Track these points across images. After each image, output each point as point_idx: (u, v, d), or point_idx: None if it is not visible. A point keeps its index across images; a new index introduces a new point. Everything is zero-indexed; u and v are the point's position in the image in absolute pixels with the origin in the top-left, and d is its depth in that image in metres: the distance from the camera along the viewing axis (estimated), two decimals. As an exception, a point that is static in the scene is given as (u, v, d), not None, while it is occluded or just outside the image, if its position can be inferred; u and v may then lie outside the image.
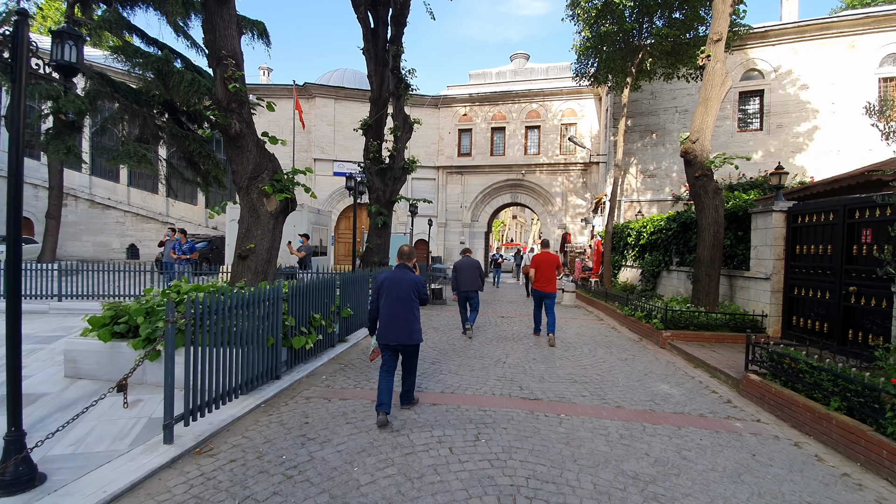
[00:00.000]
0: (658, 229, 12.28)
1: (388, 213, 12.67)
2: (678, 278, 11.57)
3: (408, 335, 4.37)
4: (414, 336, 4.40)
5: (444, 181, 25.64)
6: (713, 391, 5.68)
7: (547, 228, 24.86)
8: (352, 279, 7.94)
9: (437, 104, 25.34)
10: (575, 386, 5.62)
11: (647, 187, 19.05)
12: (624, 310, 10.35)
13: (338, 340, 7.39)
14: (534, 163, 24.25)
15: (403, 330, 4.35)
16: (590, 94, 23.46)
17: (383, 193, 12.54)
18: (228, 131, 6.29)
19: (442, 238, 25.72)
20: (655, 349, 8.03)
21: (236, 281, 6.25)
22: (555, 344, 7.89)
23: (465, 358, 6.90)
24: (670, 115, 18.71)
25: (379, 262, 12.59)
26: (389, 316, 4.39)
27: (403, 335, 4.35)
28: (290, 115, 24.15)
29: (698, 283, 8.99)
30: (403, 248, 4.77)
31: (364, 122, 12.87)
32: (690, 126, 9.66)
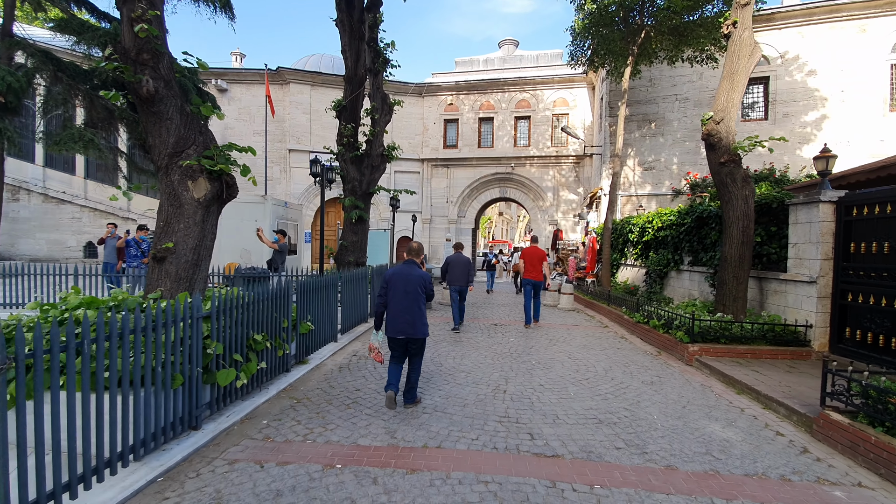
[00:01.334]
0: (667, 224, 11.02)
1: (365, 206, 11.15)
2: (691, 280, 10.32)
3: (414, 329, 4.52)
4: (421, 330, 4.56)
5: (428, 174, 24.15)
6: (778, 432, 4.35)
7: (538, 225, 23.58)
8: (314, 285, 6.44)
9: (422, 92, 23.80)
10: (601, 429, 4.23)
11: (645, 181, 17.87)
12: (635, 316, 9.04)
13: (295, 363, 5.89)
14: (524, 155, 22.92)
15: (410, 324, 4.51)
16: (582, 82, 22.20)
17: (359, 184, 11.00)
18: (139, 91, 4.72)
19: (427, 235, 24.25)
20: (680, 366, 6.71)
21: (151, 290, 4.71)
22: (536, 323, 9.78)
23: (456, 384, 5.46)
24: (670, 103, 17.54)
25: (355, 263, 11.07)
26: (397, 310, 4.54)
27: (410, 329, 4.51)
28: (261, 103, 22.36)
29: (724, 286, 7.71)
30: (412, 245, 4.94)
31: (337, 103, 11.30)
32: (713, 104, 8.38)
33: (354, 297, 8.47)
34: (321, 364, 6.19)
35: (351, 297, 8.28)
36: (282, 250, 9.16)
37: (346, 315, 7.99)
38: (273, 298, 5.14)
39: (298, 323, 5.79)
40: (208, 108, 5.28)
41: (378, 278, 10.10)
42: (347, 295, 8.07)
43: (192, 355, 3.78)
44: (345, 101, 11.25)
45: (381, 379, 5.57)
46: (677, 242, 10.77)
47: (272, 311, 5.10)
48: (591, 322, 10.61)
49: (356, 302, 8.56)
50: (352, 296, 8.33)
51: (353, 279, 8.32)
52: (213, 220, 5.07)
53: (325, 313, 6.87)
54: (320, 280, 6.67)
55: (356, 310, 8.58)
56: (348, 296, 8.12)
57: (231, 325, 4.27)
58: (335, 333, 7.34)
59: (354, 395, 4.98)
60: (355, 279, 8.44)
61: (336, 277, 7.30)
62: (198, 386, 3.87)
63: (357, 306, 8.62)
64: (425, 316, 4.64)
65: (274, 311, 5.15)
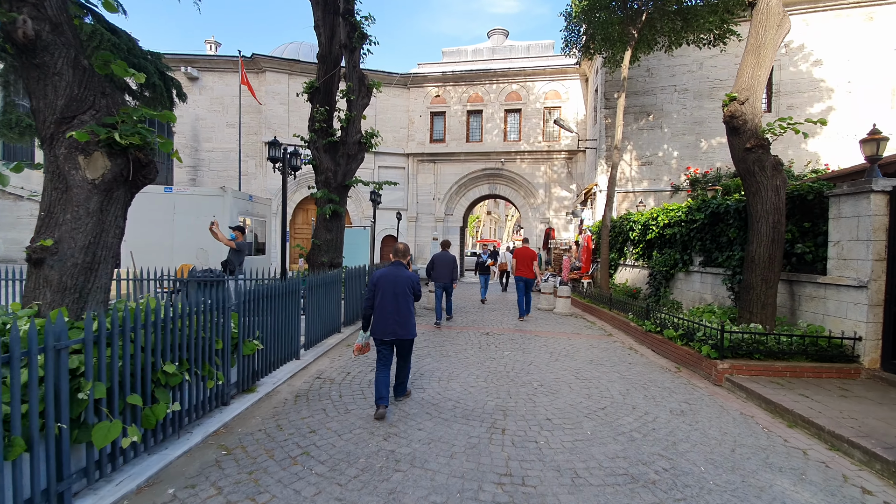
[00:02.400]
0: (675, 221, 10.00)
1: (341, 200, 9.94)
2: (702, 282, 9.31)
3: (404, 330, 4.50)
4: (409, 331, 4.54)
5: (414, 170, 22.94)
6: (864, 489, 3.29)
7: (529, 223, 22.53)
8: (267, 293, 5.22)
9: (407, 84, 22.58)
10: (639, 495, 3.10)
11: (642, 176, 16.92)
12: (645, 325, 7.98)
13: (238, 393, 4.66)
14: (514, 150, 21.85)
15: (400, 325, 4.48)
16: (575, 73, 21.21)
17: (333, 175, 9.78)
18: (13, 35, 3.46)
19: (413, 233, 23.04)
20: (708, 387, 5.65)
21: (27, 303, 3.46)
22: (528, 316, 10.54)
23: (440, 419, 4.30)
24: (668, 94, 16.61)
25: (329, 264, 9.84)
26: (385, 312, 4.49)
27: (400, 330, 4.48)
28: (235, 92, 20.91)
29: (750, 290, 6.68)
30: (399, 246, 4.86)
31: (309, 84, 10.07)
32: (735, 82, 7.35)
33: (324, 304, 7.25)
34: (273, 392, 4.97)
35: (320, 305, 7.06)
36: (240, 249, 7.90)
37: (313, 327, 6.77)
38: (203, 313, 3.91)
39: (241, 342, 4.56)
40: (121, 67, 4.00)
41: (354, 282, 8.89)
42: (315, 302, 6.85)
43: (55, 402, 2.56)
44: (318, 83, 10.04)
45: (346, 414, 4.39)
46: (686, 241, 9.76)
47: (200, 329, 3.88)
48: (593, 330, 9.54)
49: (326, 310, 7.34)
50: (321, 303, 7.12)
51: (323, 284, 7.11)
52: (117, 209, 3.81)
53: (282, 326, 5.66)
54: (276, 287, 5.45)
55: (326, 319, 7.36)
56: (316, 303, 6.91)
57: (128, 353, 3.05)
58: (296, 350, 6.12)
59: (307, 442, 3.78)
60: (325, 284, 7.23)
61: (298, 283, 6.08)
62: (62, 448, 2.64)
63: (327, 315, 7.40)
64: (413, 317, 4.66)
65: (203, 330, 3.93)
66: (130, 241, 9.65)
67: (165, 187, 9.32)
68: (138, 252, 9.07)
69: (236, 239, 7.92)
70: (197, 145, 21.76)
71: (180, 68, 21.18)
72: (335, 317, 7.81)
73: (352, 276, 8.78)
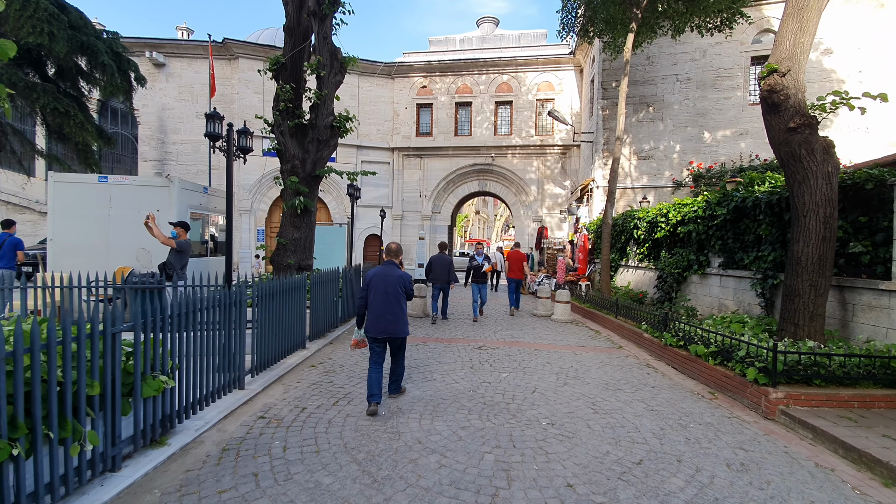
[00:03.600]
0: (689, 218, 8.90)
1: (310, 192, 8.62)
2: (722, 286, 8.22)
3: (396, 328, 4.54)
4: (402, 329, 4.58)
5: (399, 165, 21.64)
6: None
7: (520, 221, 21.39)
8: (198, 305, 3.91)
9: (391, 73, 21.27)
10: None
11: (641, 172, 15.88)
12: (664, 337, 6.82)
13: (138, 448, 3.35)
14: (505, 144, 20.69)
15: (392, 323, 4.53)
16: (569, 64, 20.12)
17: (301, 163, 8.46)
18: None
19: (398, 232, 21.74)
20: (758, 421, 4.51)
21: None
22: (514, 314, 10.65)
23: (419, 489, 3.04)
24: (670, 84, 15.59)
25: (297, 266, 8.52)
26: (378, 311, 4.53)
27: (392, 328, 4.53)
28: (205, 80, 19.41)
29: (795, 298, 5.57)
30: (391, 246, 4.92)
31: (273, 60, 8.74)
32: (773, 50, 6.24)
33: (283, 316, 5.95)
34: (194, 443, 3.66)
35: (276, 318, 5.76)
36: (182, 249, 6.55)
37: (265, 345, 5.47)
38: (63, 342, 2.61)
39: (139, 380, 3.25)
40: None
41: (325, 287, 7.60)
42: (269, 314, 5.55)
43: None
44: (284, 58, 8.70)
45: (286, 482, 3.11)
46: (703, 240, 8.67)
47: (56, 366, 2.57)
48: (600, 340, 8.37)
49: (285, 323, 6.04)
50: (278, 315, 5.81)
51: (280, 292, 5.81)
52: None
53: (218, 349, 4.35)
54: (208, 298, 4.15)
55: (284, 335, 6.05)
56: (271, 315, 5.60)
57: None
58: (239, 377, 4.81)
59: (214, 542, 2.50)
60: (285, 291, 5.93)
61: (241, 292, 4.77)
62: None
63: (286, 329, 6.10)
64: (406, 315, 4.69)
65: (63, 368, 2.62)
66: (58, 240, 8.26)
67: (100, 176, 7.90)
68: (67, 253, 7.66)
69: (178, 237, 6.56)
70: (164, 137, 20.17)
71: (145, 53, 19.59)
72: (297, 330, 6.50)
73: (322, 280, 7.47)
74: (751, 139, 14.90)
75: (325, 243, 10.86)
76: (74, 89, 14.11)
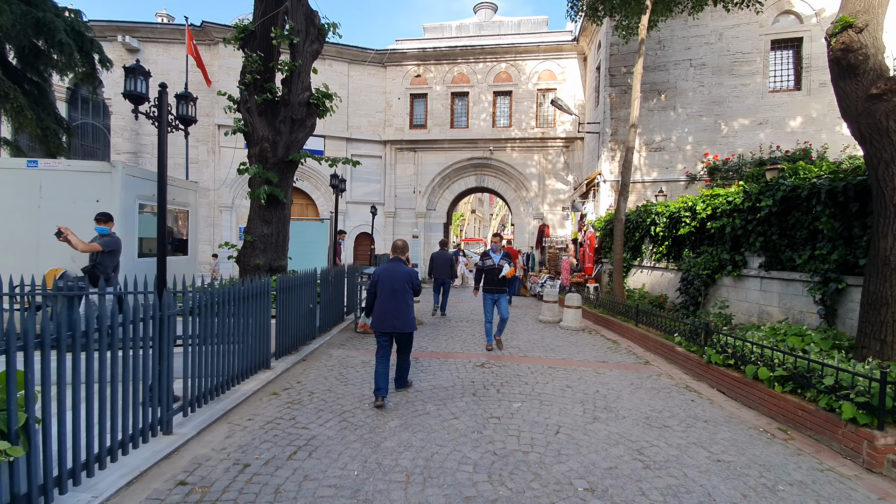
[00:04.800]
0: (723, 211, 7.72)
1: (282, 180, 7.36)
2: (764, 290, 7.06)
3: (403, 323, 4.64)
4: (408, 324, 4.68)
5: (392, 159, 20.38)
6: None
7: (520, 219, 20.20)
8: (93, 323, 2.67)
9: (383, 61, 20.00)
10: None
11: (652, 165, 14.72)
12: (707, 353, 5.63)
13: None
14: (504, 137, 19.49)
15: (399, 318, 4.62)
16: (572, 51, 18.95)
17: (272, 147, 7.21)
18: None
19: (390, 231, 20.48)
20: (862, 476, 3.34)
21: None
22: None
23: None
24: (683, 70, 14.45)
25: (268, 268, 7.27)
26: (385, 306, 4.62)
27: (399, 323, 4.62)
28: (182, 67, 18.03)
29: (881, 307, 4.42)
30: (397, 243, 4.96)
31: (241, 29, 7.49)
32: (844, 3, 5.08)
33: (240, 330, 4.71)
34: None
35: (230, 332, 4.52)
36: (111, 249, 5.29)
37: (209, 368, 4.22)
38: None
39: None
40: None
41: (300, 292, 6.36)
42: (215, 330, 4.30)
43: None
44: (253, 26, 7.44)
45: None
46: (739, 236, 7.50)
47: None
48: (620, 353, 7.18)
49: (242, 339, 4.80)
50: (235, 329, 4.58)
51: (233, 300, 4.56)
52: None
53: (122, 383, 3.11)
54: (106, 314, 2.91)
55: (241, 353, 4.81)
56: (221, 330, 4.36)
57: None
58: (165, 418, 3.56)
59: None
60: (240, 299, 4.69)
61: (168, 301, 3.53)
62: None
63: (243, 347, 4.85)
64: (412, 311, 4.76)
65: None
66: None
67: (28, 161, 6.60)
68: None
69: (105, 234, 5.29)
70: (138, 128, 18.78)
71: (117, 38, 18.22)
72: (258, 347, 5.26)
73: (294, 284, 6.23)
74: (771, 129, 13.79)
75: (305, 241, 9.60)
76: (35, 73, 12.79)
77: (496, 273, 6.77)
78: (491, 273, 6.84)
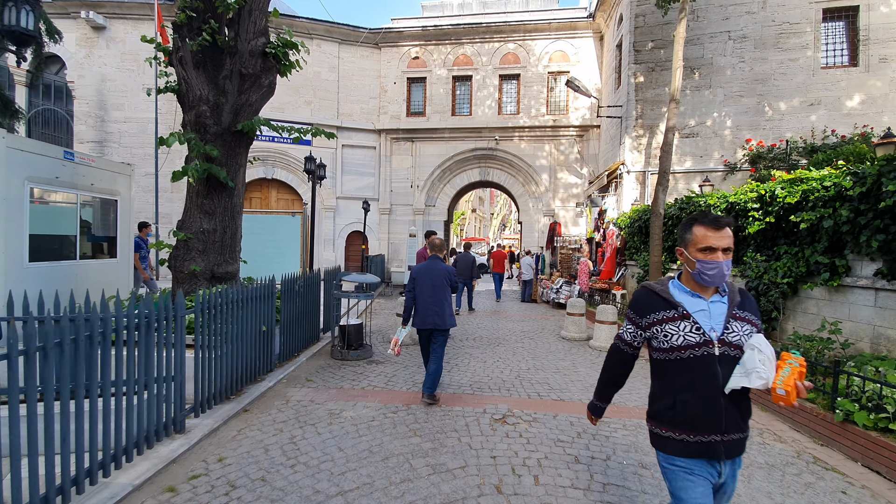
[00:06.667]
0: (817, 199, 5.82)
1: (228, 155, 5.47)
2: (882, 307, 5.18)
3: (442, 320, 4.66)
4: (447, 321, 4.69)
5: (387, 150, 18.47)
6: None
7: (529, 216, 18.31)
8: None
9: (377, 41, 18.10)
10: None
11: (684, 153, 12.83)
12: (843, 408, 3.73)
13: None
14: (511, 125, 17.59)
15: (438, 315, 4.65)
16: (587, 29, 17.06)
17: (213, 111, 5.30)
18: None
19: (385, 229, 18.58)
20: None
21: None
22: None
23: None
24: (720, 43, 12.56)
25: (210, 275, 5.36)
26: (425, 303, 4.68)
27: (438, 319, 4.65)
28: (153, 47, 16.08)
29: None
30: (434, 241, 5.06)
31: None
32: None
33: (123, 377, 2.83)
34: None
35: (101, 383, 2.63)
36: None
37: (58, 450, 2.31)
38: None
39: None
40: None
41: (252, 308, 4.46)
42: (70, 379, 2.41)
43: None
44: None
45: None
46: (845, 233, 5.60)
47: None
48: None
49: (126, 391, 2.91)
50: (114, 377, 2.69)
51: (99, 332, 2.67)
52: None
53: None
54: None
55: (116, 418, 2.92)
56: (78, 380, 2.47)
57: None
58: None
59: None
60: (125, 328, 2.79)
61: None
62: None
63: (127, 405, 2.96)
64: (451, 307, 4.79)
65: None
66: None
67: None
68: None
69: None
70: (104, 114, 16.87)
71: (80, 13, 16.31)
72: (158, 402, 3.36)
73: (235, 301, 4.33)
74: (824, 110, 11.90)
75: (274, 239, 7.70)
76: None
77: None
78: None
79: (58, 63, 18.22)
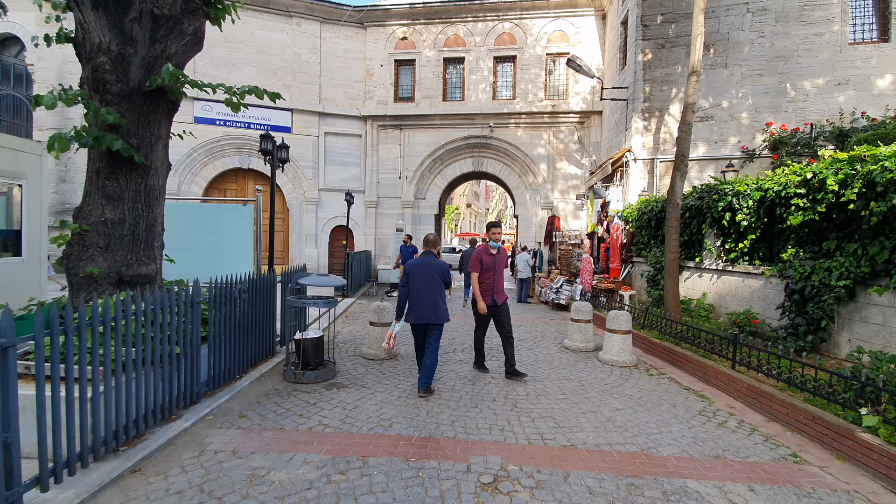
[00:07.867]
0: (889, 181, 4.66)
1: (140, 125, 4.23)
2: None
3: (435, 315, 4.70)
4: (440, 316, 4.73)
5: (374, 138, 17.18)
6: None
7: (526, 209, 17.10)
8: None
9: (362, 20, 16.75)
10: None
11: (696, 138, 11.61)
12: None
13: None
14: (507, 111, 16.34)
15: (432, 310, 4.69)
16: (589, 7, 15.80)
17: (115, 64, 4.06)
18: None
19: (372, 223, 17.32)
20: None
21: None
22: None
23: None
24: (737, 17, 11.35)
25: (116, 278, 4.12)
26: (418, 298, 4.72)
27: (432, 314, 4.69)
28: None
29: None
30: (429, 237, 5.01)
31: None
32: None
33: None
34: None
35: None
36: None
37: None
38: None
39: None
40: None
41: (149, 328, 3.22)
42: None
43: None
44: None
45: None
46: (924, 224, 4.43)
47: None
48: (734, 429, 4.10)
49: None
50: None
51: None
52: None
53: None
54: None
55: None
56: None
57: None
58: None
59: None
60: None
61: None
62: None
63: None
64: (445, 302, 4.82)
65: None
66: None
67: None
68: None
69: None
70: (63, 98, 15.45)
71: (34, -14, 14.80)
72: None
73: (146, 312, 3.11)
74: (853, 90, 10.74)
75: (221, 233, 6.44)
76: None
77: None
78: None
79: (17, 45, 16.85)
